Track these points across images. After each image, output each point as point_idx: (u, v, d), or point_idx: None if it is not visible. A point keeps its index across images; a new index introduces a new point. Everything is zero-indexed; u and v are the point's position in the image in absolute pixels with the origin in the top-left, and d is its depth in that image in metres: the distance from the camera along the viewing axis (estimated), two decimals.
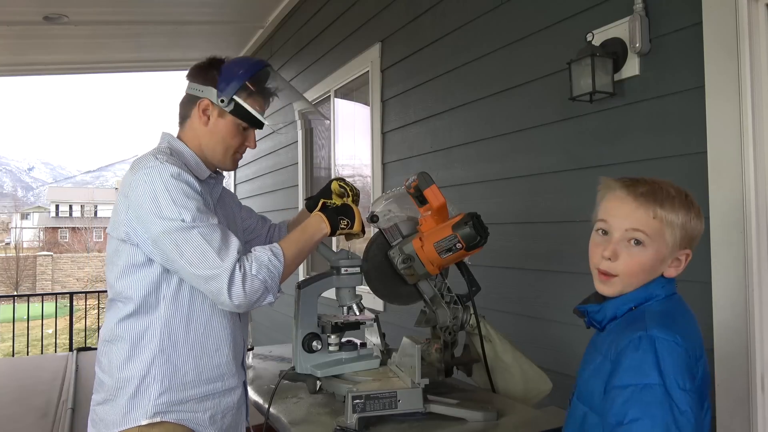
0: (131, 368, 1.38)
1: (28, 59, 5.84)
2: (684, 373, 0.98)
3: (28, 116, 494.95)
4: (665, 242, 1.07)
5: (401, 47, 3.18)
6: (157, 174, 1.33)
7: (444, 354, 1.71)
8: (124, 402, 1.37)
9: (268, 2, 4.83)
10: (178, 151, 1.47)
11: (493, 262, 2.40)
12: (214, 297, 1.33)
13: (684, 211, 1.08)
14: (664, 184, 1.11)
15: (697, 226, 1.10)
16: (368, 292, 1.80)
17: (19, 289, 23.64)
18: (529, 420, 1.52)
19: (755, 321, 1.56)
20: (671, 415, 0.94)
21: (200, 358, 1.42)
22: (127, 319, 1.39)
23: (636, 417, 0.95)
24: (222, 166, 1.55)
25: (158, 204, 1.31)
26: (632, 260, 1.08)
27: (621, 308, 1.10)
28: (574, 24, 2.08)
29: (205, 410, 1.43)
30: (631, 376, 0.99)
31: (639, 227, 1.07)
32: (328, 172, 4.35)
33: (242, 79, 1.46)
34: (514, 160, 2.39)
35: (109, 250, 1.43)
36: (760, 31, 1.58)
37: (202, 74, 1.49)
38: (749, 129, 1.57)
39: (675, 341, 1.00)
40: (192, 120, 1.50)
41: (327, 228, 1.51)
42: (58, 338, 8.78)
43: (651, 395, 0.96)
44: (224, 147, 1.50)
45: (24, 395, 3.89)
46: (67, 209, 49.92)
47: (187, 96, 1.51)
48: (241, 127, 1.50)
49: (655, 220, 1.07)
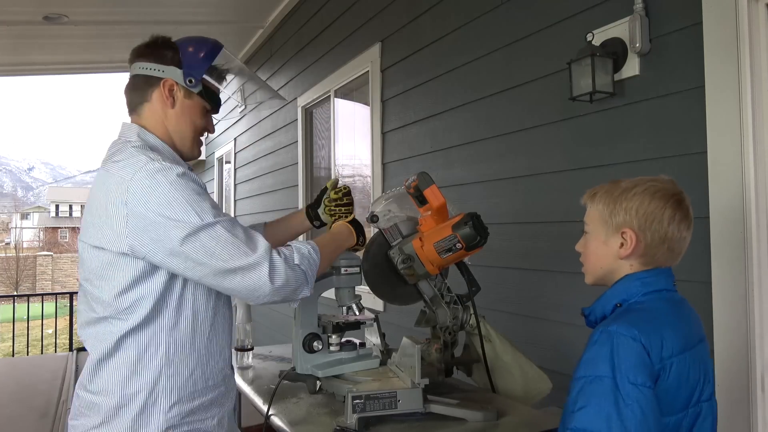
0: (136, 383, 1.27)
1: (28, 59, 5.84)
2: (637, 368, 1.02)
3: (28, 116, 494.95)
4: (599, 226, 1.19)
5: (401, 47, 3.18)
6: (163, 177, 1.22)
7: (444, 354, 1.71)
8: (129, 420, 1.26)
9: (268, 2, 4.84)
10: (153, 147, 1.34)
11: (493, 262, 2.39)
12: (251, 289, 1.24)
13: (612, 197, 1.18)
14: (622, 180, 1.20)
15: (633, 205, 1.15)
16: (368, 292, 1.80)
17: (19, 289, 23.64)
18: (529, 420, 1.52)
19: (755, 321, 1.56)
20: (615, 406, 0.99)
21: (207, 364, 1.35)
22: (130, 334, 1.27)
23: (581, 406, 1.02)
24: (190, 152, 1.44)
25: (174, 210, 1.20)
26: (584, 246, 1.24)
27: (607, 307, 1.17)
28: (574, 24, 2.08)
29: (213, 416, 1.36)
30: (586, 368, 1.05)
31: (585, 219, 1.24)
32: (328, 172, 4.35)
33: (209, 60, 1.40)
34: (514, 160, 2.39)
35: (96, 263, 1.27)
36: (760, 31, 1.58)
37: (158, 53, 1.37)
38: (749, 129, 1.57)
39: (632, 336, 1.04)
40: (152, 104, 1.37)
41: (354, 240, 1.55)
42: (58, 338, 8.79)
43: (599, 386, 1.02)
44: (193, 129, 1.41)
45: (24, 395, 3.89)
46: (67, 209, 49.91)
47: (143, 78, 1.38)
48: (206, 109, 1.43)
49: (590, 209, 1.23)
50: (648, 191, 1.15)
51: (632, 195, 1.15)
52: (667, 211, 1.13)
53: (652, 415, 1.00)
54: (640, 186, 1.16)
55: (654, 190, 1.15)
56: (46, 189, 69.09)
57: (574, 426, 1.02)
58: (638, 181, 1.18)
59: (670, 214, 1.13)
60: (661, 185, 1.16)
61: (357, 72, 3.69)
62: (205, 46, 1.42)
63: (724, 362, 1.60)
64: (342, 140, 4.15)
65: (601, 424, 0.99)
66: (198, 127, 1.42)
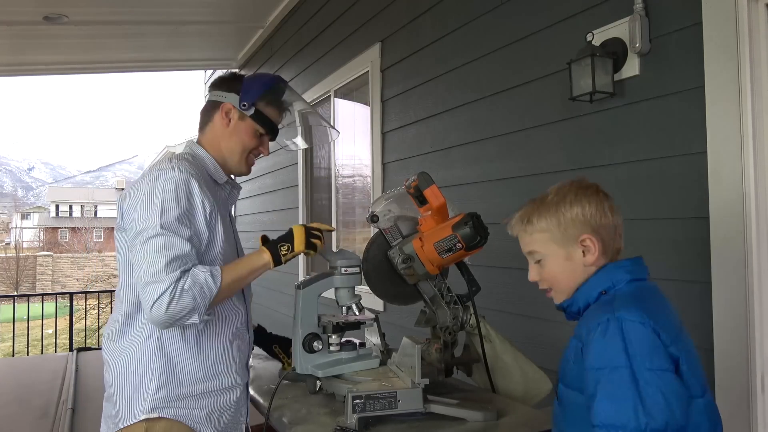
0: (133, 364, 1.43)
1: (28, 59, 5.83)
2: (652, 353, 1.01)
3: (28, 116, 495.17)
4: (553, 246, 1.18)
5: (401, 47, 3.18)
6: (164, 177, 1.40)
7: (444, 354, 1.71)
8: (127, 397, 1.43)
9: (268, 2, 4.83)
10: (199, 157, 1.56)
11: (493, 262, 2.39)
12: (144, 305, 1.35)
13: (550, 212, 1.18)
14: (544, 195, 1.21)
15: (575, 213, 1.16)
16: (368, 292, 1.80)
17: (19, 289, 23.64)
18: (529, 420, 1.52)
19: (755, 321, 1.56)
20: (638, 396, 0.98)
21: (197, 355, 1.46)
22: (131, 316, 1.44)
23: (604, 399, 1.00)
24: (238, 167, 1.62)
25: (150, 203, 1.37)
26: (547, 272, 1.21)
27: (591, 294, 1.16)
28: (574, 24, 2.08)
29: (202, 408, 1.46)
30: (602, 358, 1.03)
31: (528, 249, 1.22)
32: (328, 172, 4.35)
33: (263, 88, 1.58)
34: (514, 160, 2.39)
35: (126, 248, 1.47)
36: (760, 31, 1.58)
37: (225, 84, 1.59)
38: (749, 129, 1.57)
39: (641, 321, 1.03)
40: (213, 123, 1.59)
41: (267, 257, 1.50)
42: (58, 338, 8.78)
43: (617, 377, 1.00)
44: (242, 147, 1.58)
45: (24, 395, 3.89)
46: (67, 209, 49.92)
47: (210, 102, 1.61)
48: (258, 132, 1.59)
49: (532, 237, 1.21)
50: (578, 194, 1.18)
51: (568, 203, 1.17)
52: (604, 204, 1.17)
53: (675, 398, 0.99)
54: (567, 193, 1.18)
55: (581, 190, 1.18)
56: (46, 189, 69.14)
57: (601, 422, 1.00)
58: (560, 190, 1.20)
59: (607, 205, 1.18)
60: (581, 184, 1.20)
61: (357, 72, 3.69)
62: (264, 77, 1.63)
63: (724, 362, 1.60)
64: (342, 140, 4.15)
65: (628, 415, 0.97)
66: (247, 146, 1.59)
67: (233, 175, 1.66)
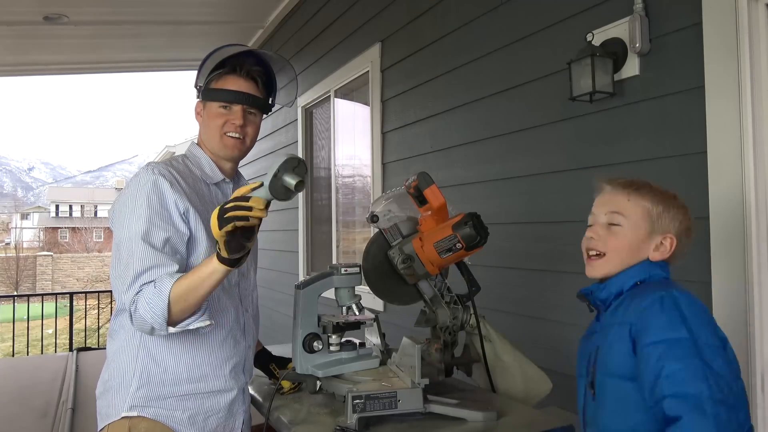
0: (119, 361, 1.44)
1: (28, 59, 5.84)
2: (707, 327, 1.05)
3: (28, 116, 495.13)
4: (643, 223, 1.18)
5: (401, 47, 3.18)
6: (135, 183, 1.42)
7: (444, 354, 1.71)
8: (113, 394, 1.44)
9: (268, 2, 4.83)
10: (195, 156, 1.58)
11: (493, 262, 2.39)
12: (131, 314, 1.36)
13: (660, 198, 1.19)
14: (650, 182, 1.22)
15: (678, 215, 1.19)
16: (368, 292, 1.80)
17: (19, 289, 23.65)
18: (529, 420, 1.52)
19: (755, 321, 1.56)
20: (704, 363, 1.00)
21: (180, 356, 1.45)
22: (120, 314, 1.45)
23: (674, 369, 1.01)
24: (220, 151, 1.57)
25: (122, 211, 1.40)
26: (616, 239, 1.19)
27: (627, 283, 1.18)
28: (574, 24, 2.08)
29: (184, 409, 1.45)
30: (662, 332, 1.04)
31: (616, 209, 1.19)
32: (328, 171, 4.35)
33: (201, 67, 1.55)
34: (514, 160, 2.39)
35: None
36: (760, 31, 1.58)
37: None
38: (749, 129, 1.57)
39: (695, 298, 1.08)
40: (198, 124, 1.62)
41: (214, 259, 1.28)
42: (58, 338, 8.79)
43: (681, 349, 1.02)
44: (214, 131, 1.56)
45: (24, 395, 3.90)
46: (67, 209, 49.92)
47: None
48: (221, 107, 1.54)
49: (629, 202, 1.19)
50: (683, 204, 1.21)
51: (678, 204, 1.20)
52: (692, 226, 1.21)
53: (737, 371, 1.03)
54: (678, 198, 1.21)
55: (684, 204, 1.21)
56: (46, 189, 69.14)
57: (674, 392, 1.00)
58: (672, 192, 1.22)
59: (693, 228, 1.21)
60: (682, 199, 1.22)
61: (357, 72, 3.69)
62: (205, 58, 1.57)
63: None
64: (342, 140, 4.15)
65: (700, 383, 0.99)
66: (217, 125, 1.55)
67: (238, 170, 1.66)
